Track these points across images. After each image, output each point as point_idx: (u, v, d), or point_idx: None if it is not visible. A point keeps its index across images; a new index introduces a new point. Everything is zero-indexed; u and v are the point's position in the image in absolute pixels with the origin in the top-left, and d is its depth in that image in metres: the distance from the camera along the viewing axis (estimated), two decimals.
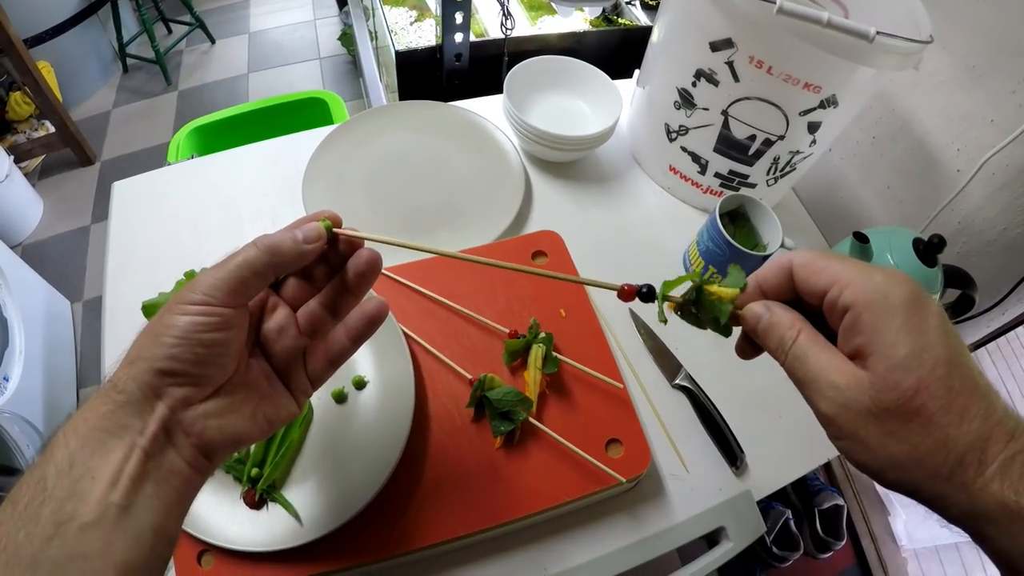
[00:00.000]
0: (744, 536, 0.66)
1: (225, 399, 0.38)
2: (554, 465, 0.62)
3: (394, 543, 0.57)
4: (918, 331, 0.31)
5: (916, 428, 0.31)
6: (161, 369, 0.35)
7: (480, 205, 0.88)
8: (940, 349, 0.31)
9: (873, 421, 0.32)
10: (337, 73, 2.94)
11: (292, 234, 0.40)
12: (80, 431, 0.33)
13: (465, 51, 1.18)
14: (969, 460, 0.30)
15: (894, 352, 0.31)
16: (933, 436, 0.30)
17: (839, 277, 0.34)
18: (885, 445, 0.32)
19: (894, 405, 0.31)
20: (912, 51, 0.67)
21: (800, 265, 0.36)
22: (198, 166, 0.95)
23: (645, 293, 0.40)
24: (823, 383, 0.34)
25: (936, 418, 0.30)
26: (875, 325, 0.32)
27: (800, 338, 0.35)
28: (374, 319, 0.44)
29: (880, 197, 0.95)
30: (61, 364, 1.81)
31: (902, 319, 0.32)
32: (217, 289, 0.37)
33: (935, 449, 0.30)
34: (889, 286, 0.33)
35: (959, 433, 0.30)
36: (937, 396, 0.30)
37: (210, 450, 0.37)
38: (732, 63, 0.74)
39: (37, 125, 2.45)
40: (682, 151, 0.89)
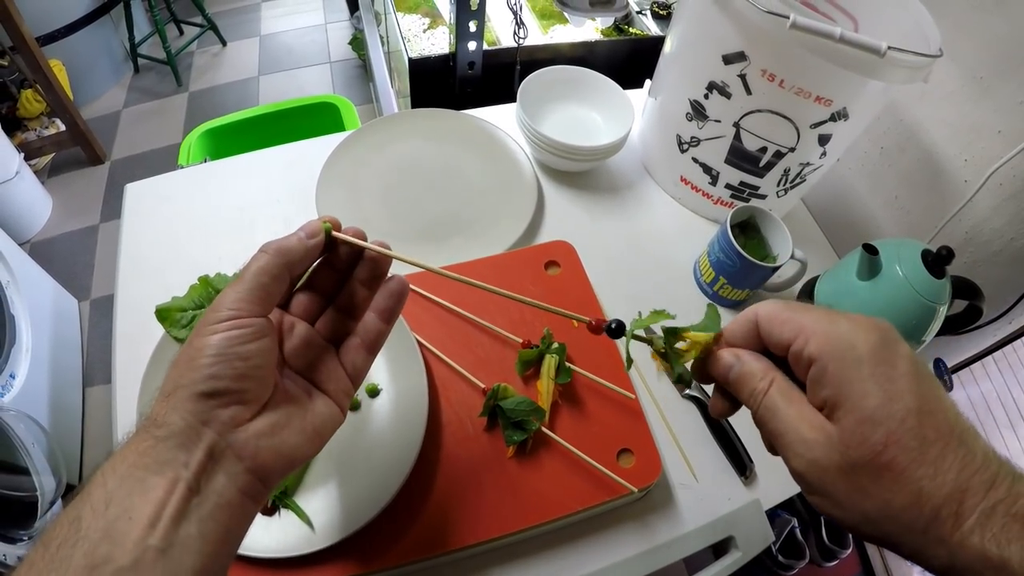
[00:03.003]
0: (753, 546, 0.67)
1: (273, 416, 0.37)
2: (566, 474, 0.62)
3: (406, 551, 0.57)
4: (886, 380, 0.30)
5: (887, 484, 0.29)
6: (203, 392, 0.33)
7: (493, 214, 0.89)
8: (910, 397, 0.30)
9: (843, 477, 0.31)
10: (347, 77, 2.94)
11: (296, 232, 0.40)
12: (119, 470, 0.31)
13: (478, 59, 1.18)
14: (945, 514, 0.28)
15: (862, 404, 0.30)
16: (906, 491, 0.29)
17: (803, 328, 0.33)
18: (857, 502, 0.30)
19: (863, 460, 0.30)
20: (922, 65, 0.67)
21: (764, 317, 0.35)
22: (211, 170, 0.96)
23: (614, 329, 0.39)
24: (793, 438, 0.33)
25: (908, 472, 0.29)
26: (841, 376, 0.31)
27: (772, 390, 0.34)
28: (400, 294, 0.44)
29: (888, 207, 0.95)
30: (68, 362, 1.81)
31: (869, 368, 0.31)
32: (241, 301, 0.36)
33: (908, 505, 0.29)
34: (854, 334, 0.32)
35: (933, 487, 0.29)
36: (908, 448, 0.29)
37: (266, 473, 0.35)
38: (744, 76, 0.74)
39: (48, 123, 2.45)
40: (693, 162, 0.89)
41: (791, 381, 0.34)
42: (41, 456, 1.30)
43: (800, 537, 1.56)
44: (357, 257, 0.43)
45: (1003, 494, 0.28)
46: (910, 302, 0.70)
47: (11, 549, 1.21)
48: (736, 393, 0.37)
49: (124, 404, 0.70)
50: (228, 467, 0.34)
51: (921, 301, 0.69)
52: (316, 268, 0.43)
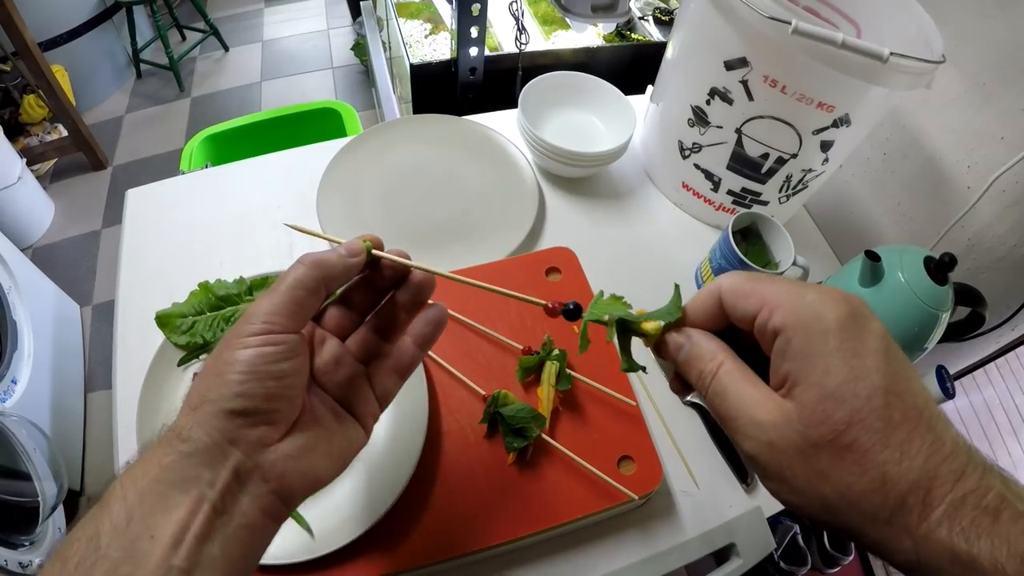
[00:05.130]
0: (754, 553, 0.66)
1: (301, 438, 0.35)
2: (566, 482, 0.62)
3: (406, 557, 0.57)
4: (853, 355, 0.28)
5: (849, 467, 0.27)
6: (231, 410, 0.32)
7: (494, 220, 0.89)
8: (877, 376, 0.28)
9: (801, 459, 0.28)
10: (349, 83, 2.96)
11: (336, 248, 0.39)
12: (139, 483, 0.30)
13: (480, 65, 1.18)
14: (912, 502, 0.26)
15: (826, 380, 0.28)
16: (869, 475, 0.27)
17: (768, 299, 0.31)
18: (815, 486, 0.28)
19: (824, 440, 0.28)
20: (925, 71, 0.67)
21: (728, 290, 0.33)
22: (212, 176, 0.96)
23: (571, 310, 0.39)
24: (745, 420, 0.30)
25: (871, 455, 0.27)
26: (805, 349, 0.29)
27: (721, 371, 0.32)
28: (440, 322, 0.43)
29: (890, 214, 0.95)
30: (69, 368, 1.82)
31: (836, 342, 0.28)
32: (275, 314, 0.34)
33: (871, 491, 0.27)
34: (822, 306, 0.29)
35: (899, 471, 0.27)
36: (872, 429, 0.27)
37: (290, 495, 0.34)
38: (746, 82, 0.74)
39: (50, 128, 2.46)
40: (695, 168, 0.89)
41: (744, 363, 0.32)
42: (43, 461, 1.30)
43: (802, 543, 1.55)
44: (398, 279, 0.42)
45: (973, 485, 0.26)
46: (913, 309, 0.69)
47: (12, 554, 1.20)
48: (686, 375, 0.35)
49: (124, 409, 0.69)
50: (253, 488, 0.33)
51: (924, 308, 0.69)
52: (352, 284, 0.42)
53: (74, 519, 0.31)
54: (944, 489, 0.26)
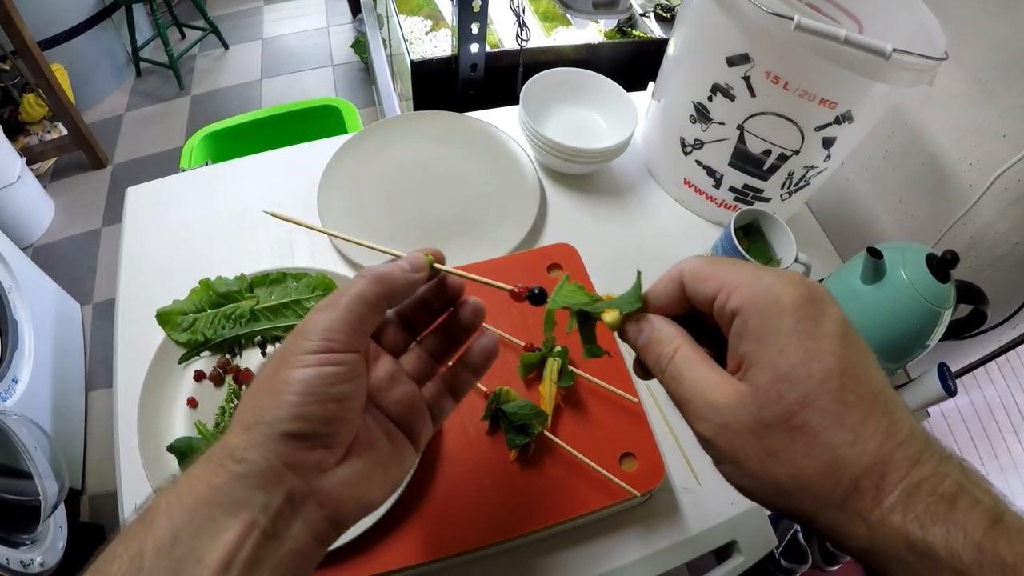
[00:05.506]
0: (755, 550, 0.66)
1: (358, 462, 0.34)
2: (568, 478, 0.61)
3: (406, 555, 0.57)
4: (808, 337, 0.28)
5: (801, 448, 0.27)
6: (289, 432, 0.31)
7: (495, 217, 0.88)
8: (832, 359, 0.27)
9: (754, 441, 0.28)
10: (349, 80, 2.95)
11: (399, 263, 0.37)
12: (186, 502, 0.29)
13: (481, 62, 1.18)
14: (864, 487, 0.26)
15: (780, 361, 0.28)
16: (821, 458, 0.27)
17: (727, 282, 0.31)
18: (768, 468, 0.28)
19: (776, 421, 0.27)
20: (928, 67, 0.67)
21: (689, 273, 0.33)
22: (212, 173, 0.96)
23: (536, 295, 0.38)
24: (699, 403, 0.30)
25: (824, 436, 0.27)
26: (761, 331, 0.29)
27: (677, 355, 0.32)
28: (493, 353, 0.41)
29: (892, 211, 0.95)
30: (70, 367, 1.81)
31: (791, 323, 0.28)
32: (336, 331, 0.33)
33: (824, 473, 0.27)
34: (779, 288, 0.29)
35: (852, 454, 0.26)
36: (825, 411, 0.27)
37: (343, 520, 0.33)
38: (749, 78, 0.74)
39: (50, 127, 2.46)
40: (697, 165, 0.89)
41: (701, 348, 0.32)
42: (44, 460, 1.30)
43: (803, 541, 1.55)
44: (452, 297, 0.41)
45: (929, 471, 0.26)
46: (915, 306, 0.69)
47: (14, 553, 1.20)
48: (644, 359, 0.34)
49: (125, 407, 0.69)
50: (307, 514, 0.31)
51: (926, 305, 0.69)
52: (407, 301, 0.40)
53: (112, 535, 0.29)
54: (898, 474, 0.26)
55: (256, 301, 0.70)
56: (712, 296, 0.31)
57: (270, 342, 0.69)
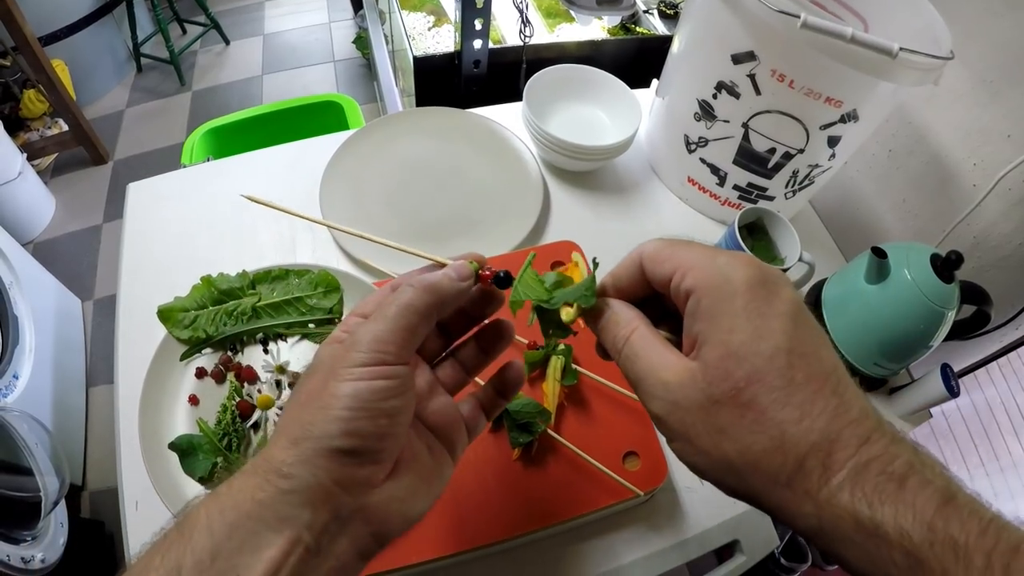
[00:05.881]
0: (757, 550, 0.66)
1: (405, 477, 0.33)
2: (571, 477, 0.61)
3: (408, 554, 0.56)
4: (758, 316, 0.28)
5: (748, 424, 0.27)
6: (339, 449, 0.30)
7: (498, 214, 0.88)
8: (782, 337, 0.28)
9: (704, 417, 0.28)
10: (351, 76, 2.95)
11: (446, 272, 0.36)
12: (228, 516, 0.28)
13: (484, 58, 1.18)
14: (811, 465, 0.26)
15: (729, 338, 0.28)
16: (768, 434, 0.27)
17: (682, 262, 0.31)
18: (718, 444, 0.28)
19: (725, 397, 0.28)
20: (934, 67, 0.67)
21: (647, 256, 0.34)
22: (213, 169, 0.96)
23: (502, 279, 0.38)
24: (653, 381, 0.31)
25: (770, 413, 0.27)
26: (713, 310, 0.29)
27: (633, 336, 0.33)
28: (519, 382, 0.42)
29: (896, 210, 0.94)
30: (71, 363, 1.81)
31: (742, 303, 0.28)
32: (387, 343, 0.32)
33: (770, 450, 0.27)
34: (732, 268, 0.30)
35: (798, 432, 0.26)
36: (772, 388, 0.27)
37: (387, 536, 0.32)
38: (754, 76, 0.74)
39: (51, 123, 2.46)
40: (701, 163, 0.89)
41: (657, 330, 0.33)
42: (44, 456, 1.30)
43: (803, 540, 1.55)
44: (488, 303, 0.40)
45: (879, 451, 0.26)
46: (919, 307, 0.69)
47: (15, 549, 1.20)
48: (602, 340, 0.35)
49: (126, 404, 0.69)
50: (353, 530, 0.31)
51: (930, 306, 0.69)
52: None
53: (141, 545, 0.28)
54: (846, 453, 0.26)
55: (258, 298, 0.69)
56: (669, 277, 0.32)
57: (272, 339, 0.69)
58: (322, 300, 0.69)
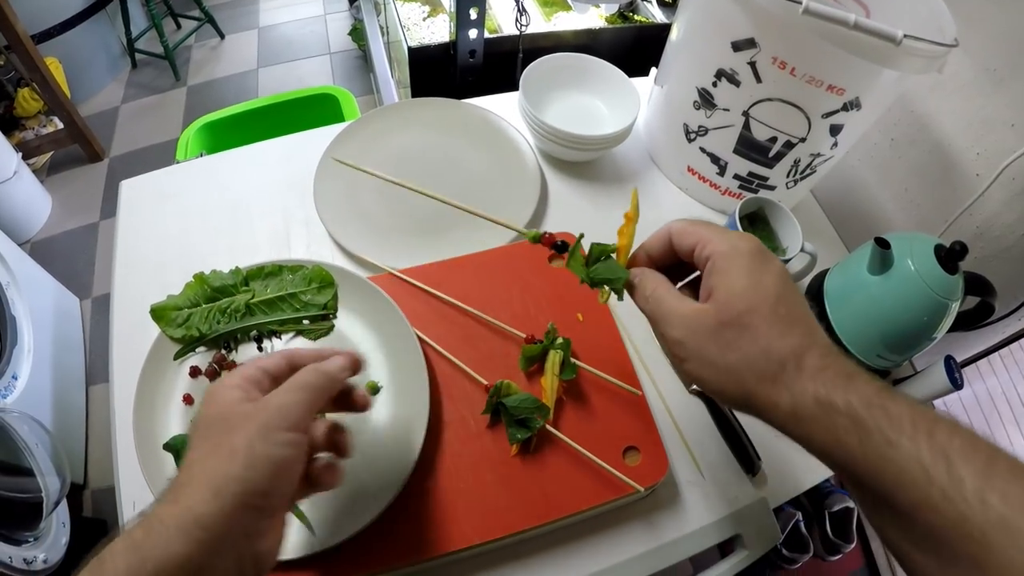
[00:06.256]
0: (760, 545, 0.65)
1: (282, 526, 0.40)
2: (571, 473, 0.60)
3: (407, 552, 0.56)
4: (757, 273, 0.39)
5: (747, 338, 0.38)
6: (256, 505, 0.36)
7: (495, 205, 0.87)
8: (772, 287, 0.39)
9: (714, 337, 0.39)
10: (347, 68, 2.93)
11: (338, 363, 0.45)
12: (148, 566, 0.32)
13: (479, 47, 1.17)
14: (789, 367, 0.37)
15: (735, 284, 0.39)
16: (759, 345, 0.38)
17: (703, 237, 0.42)
18: (724, 355, 0.39)
19: (730, 321, 0.39)
20: (938, 54, 0.66)
21: (676, 232, 0.44)
22: (207, 164, 0.94)
23: (560, 245, 0.55)
24: (674, 316, 0.42)
25: (762, 331, 0.38)
26: (725, 267, 0.40)
27: (660, 289, 0.44)
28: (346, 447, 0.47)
29: (898, 200, 0.93)
30: (70, 361, 1.81)
31: (746, 263, 0.40)
32: (302, 419, 0.39)
33: (761, 355, 0.38)
34: (739, 241, 0.41)
35: (781, 344, 0.37)
36: (764, 316, 0.38)
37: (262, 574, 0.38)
38: (754, 63, 0.72)
39: (45, 121, 2.44)
40: (701, 152, 0.88)
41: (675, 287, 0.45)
42: (45, 457, 1.29)
43: (804, 531, 1.56)
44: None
45: (834, 361, 0.37)
46: (922, 298, 0.69)
47: (16, 551, 1.20)
48: (636, 296, 0.46)
49: (122, 404, 0.68)
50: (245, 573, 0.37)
51: (933, 297, 0.68)
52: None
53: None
54: (813, 360, 0.37)
55: (251, 295, 0.68)
56: (692, 247, 0.43)
57: (266, 336, 0.68)
58: (316, 296, 0.68)
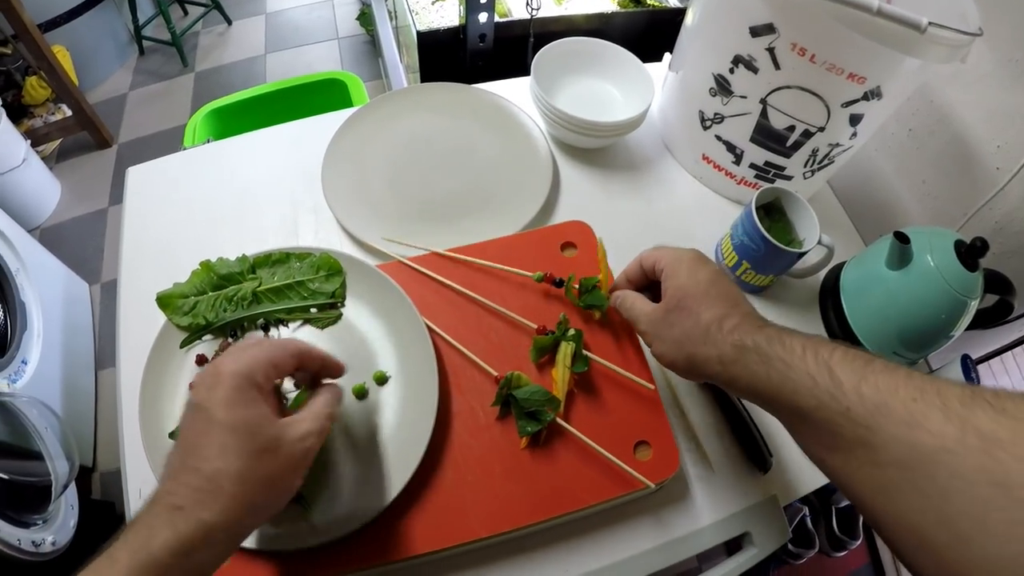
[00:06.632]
0: (769, 543, 0.64)
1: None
2: (580, 467, 0.60)
3: (414, 544, 0.55)
4: (694, 271, 0.53)
5: (684, 315, 0.52)
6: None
7: (506, 193, 0.86)
8: (704, 279, 0.53)
9: (664, 321, 0.53)
10: (356, 53, 2.91)
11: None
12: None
13: (489, 31, 1.15)
14: (714, 329, 0.49)
15: (677, 281, 0.54)
16: (692, 318, 0.51)
17: (658, 256, 0.57)
18: (671, 331, 0.52)
19: (673, 307, 0.53)
20: (962, 43, 0.64)
21: (643, 257, 0.60)
22: (214, 150, 0.93)
23: (558, 282, 0.67)
24: (641, 315, 0.57)
25: (694, 308, 0.51)
26: (671, 271, 0.55)
27: (630, 299, 0.59)
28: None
29: (915, 192, 0.91)
30: (79, 346, 1.82)
31: (686, 266, 0.54)
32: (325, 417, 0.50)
33: (694, 325, 0.51)
34: (682, 252, 0.56)
35: (708, 314, 0.50)
36: (697, 298, 0.51)
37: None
38: (773, 49, 0.71)
39: (54, 109, 2.44)
40: (716, 140, 0.86)
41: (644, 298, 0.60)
42: (54, 441, 1.30)
43: (811, 526, 1.56)
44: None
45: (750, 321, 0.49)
46: (941, 295, 0.67)
47: (25, 533, 1.21)
48: (619, 311, 0.61)
49: (128, 392, 0.68)
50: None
51: (952, 294, 0.67)
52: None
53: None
54: (732, 321, 0.49)
55: (258, 282, 0.67)
56: (653, 265, 0.58)
57: (273, 325, 0.67)
58: (324, 284, 0.67)
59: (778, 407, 0.44)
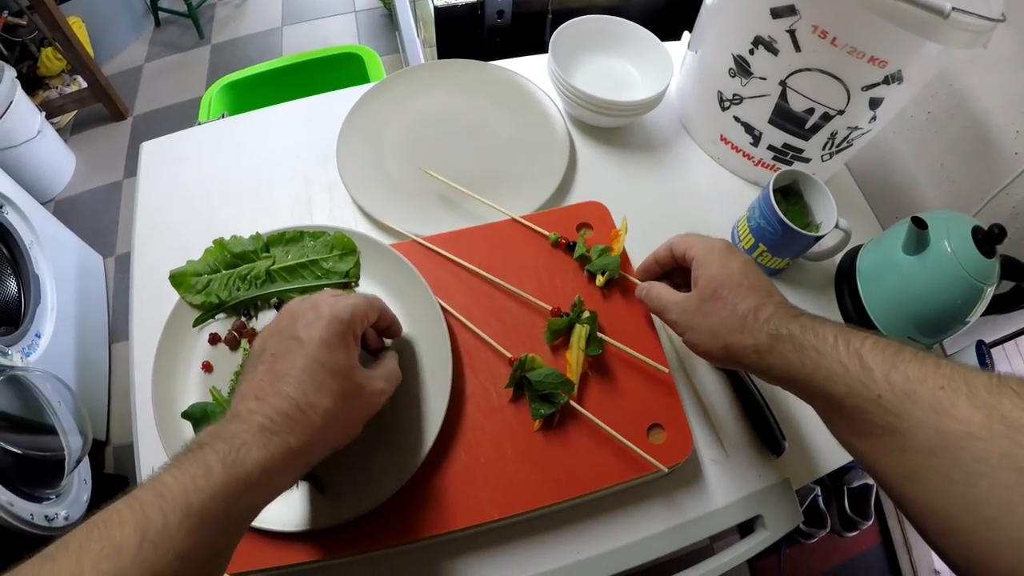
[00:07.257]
0: (781, 526, 0.65)
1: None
2: (593, 450, 0.60)
3: (426, 526, 0.56)
4: (726, 261, 0.54)
5: (720, 305, 0.52)
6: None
7: (523, 171, 0.85)
8: (737, 270, 0.53)
9: (699, 311, 0.53)
10: (373, 27, 2.88)
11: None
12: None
13: (508, 7, 1.13)
14: (750, 319, 0.50)
15: (710, 271, 0.54)
16: (728, 308, 0.51)
17: (690, 244, 0.57)
18: (707, 321, 0.52)
19: (708, 296, 0.53)
20: (985, 28, 0.62)
21: (674, 243, 0.60)
22: (229, 126, 0.93)
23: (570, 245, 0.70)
24: (671, 304, 0.57)
25: (728, 298, 0.52)
26: (703, 260, 0.55)
27: (658, 289, 0.59)
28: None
29: (932, 176, 0.90)
30: (93, 320, 1.83)
31: (718, 256, 0.55)
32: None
33: (730, 315, 0.51)
34: (713, 242, 0.57)
35: (743, 304, 0.51)
36: (731, 288, 0.52)
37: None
38: (794, 31, 0.69)
39: (69, 80, 2.44)
40: (735, 121, 0.85)
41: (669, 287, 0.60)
42: (67, 415, 1.31)
43: (823, 506, 1.57)
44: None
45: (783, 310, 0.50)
46: (957, 281, 0.67)
47: (38, 508, 1.22)
48: (646, 303, 0.61)
49: (141, 369, 0.69)
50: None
51: (969, 280, 0.66)
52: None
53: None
54: (767, 311, 0.49)
55: (272, 261, 0.67)
56: (684, 252, 0.58)
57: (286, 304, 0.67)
58: (338, 263, 0.67)
59: (811, 394, 0.45)
